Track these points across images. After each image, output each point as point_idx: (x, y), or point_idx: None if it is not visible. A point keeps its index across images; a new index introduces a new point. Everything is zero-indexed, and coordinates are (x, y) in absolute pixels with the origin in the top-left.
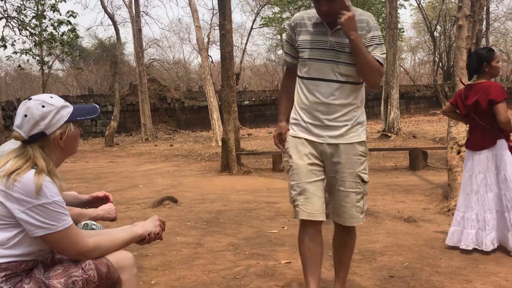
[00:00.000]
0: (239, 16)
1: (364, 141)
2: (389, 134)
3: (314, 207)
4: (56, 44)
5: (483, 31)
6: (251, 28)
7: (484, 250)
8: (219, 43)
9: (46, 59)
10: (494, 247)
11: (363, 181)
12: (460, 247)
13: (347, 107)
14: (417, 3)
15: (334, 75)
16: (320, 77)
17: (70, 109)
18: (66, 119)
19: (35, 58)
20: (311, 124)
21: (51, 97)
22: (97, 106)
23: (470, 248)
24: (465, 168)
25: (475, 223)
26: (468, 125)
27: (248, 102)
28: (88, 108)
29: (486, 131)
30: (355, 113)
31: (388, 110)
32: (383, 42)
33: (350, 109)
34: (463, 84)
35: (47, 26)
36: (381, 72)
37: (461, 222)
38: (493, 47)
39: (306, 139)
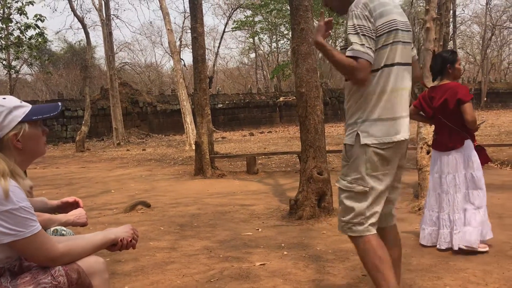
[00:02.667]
0: (212, 19)
1: (348, 144)
2: None
3: None
4: (23, 48)
5: (450, 34)
6: (224, 31)
7: (454, 249)
8: (191, 46)
9: (13, 63)
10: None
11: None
12: (437, 247)
13: (348, 106)
14: None
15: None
16: None
17: (25, 109)
18: (19, 119)
19: (1, 62)
20: None
21: (4, 98)
22: (59, 104)
23: (443, 247)
24: (433, 168)
25: (447, 223)
26: (434, 126)
27: (221, 105)
28: (47, 107)
29: (453, 132)
30: (350, 113)
31: None
32: (351, 32)
33: (348, 108)
34: (426, 87)
35: (13, 29)
36: (351, 67)
37: (436, 222)
38: (457, 50)
39: None
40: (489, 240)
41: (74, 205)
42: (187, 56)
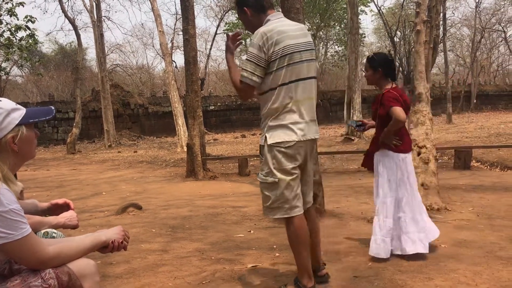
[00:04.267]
0: (203, 21)
1: (260, 145)
2: (352, 138)
3: None
4: (14, 49)
5: (440, 36)
6: (215, 33)
7: (406, 254)
8: (183, 48)
9: (3, 65)
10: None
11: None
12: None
13: (261, 114)
14: (377, 9)
15: None
16: None
17: (22, 111)
18: (17, 121)
19: None
20: None
21: (0, 100)
22: (52, 108)
23: (398, 252)
24: (383, 174)
25: (400, 227)
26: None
27: (213, 107)
28: (42, 110)
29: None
30: (262, 120)
31: (351, 114)
32: (247, 58)
33: (261, 115)
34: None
35: (3, 31)
36: (237, 88)
37: (395, 228)
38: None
39: None
40: (478, 240)
41: (65, 207)
42: (179, 58)
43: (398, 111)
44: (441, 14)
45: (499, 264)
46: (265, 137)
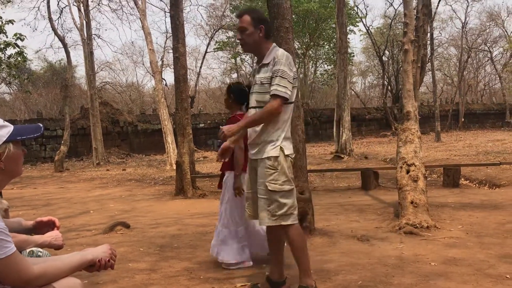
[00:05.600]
0: (194, 40)
1: (273, 156)
2: (342, 156)
3: None
4: (2, 67)
5: (428, 56)
6: (206, 52)
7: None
8: (173, 66)
9: None
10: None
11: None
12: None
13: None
14: (366, 29)
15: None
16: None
17: (9, 128)
18: (4, 139)
19: None
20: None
21: None
22: (41, 125)
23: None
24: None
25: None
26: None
27: (203, 125)
28: (30, 127)
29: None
30: (267, 132)
31: (340, 132)
32: (280, 75)
33: (263, 129)
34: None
35: None
36: (273, 108)
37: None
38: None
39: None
40: (467, 258)
41: (50, 224)
42: (169, 76)
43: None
44: (429, 34)
45: (488, 282)
46: (281, 147)
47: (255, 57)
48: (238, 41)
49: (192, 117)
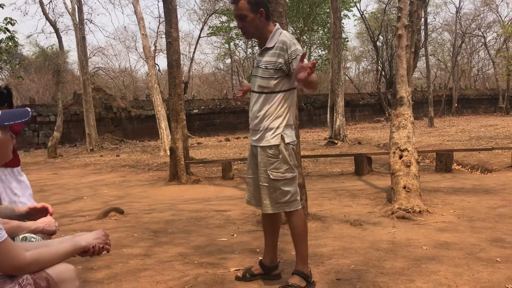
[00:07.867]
0: (187, 25)
1: (275, 145)
2: (336, 141)
3: None
4: None
5: (421, 41)
6: (199, 37)
7: None
8: (166, 51)
9: None
10: None
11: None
12: None
13: (262, 113)
14: (360, 14)
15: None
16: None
17: None
18: None
19: None
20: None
21: None
22: (28, 109)
23: None
24: None
25: None
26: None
27: (197, 110)
28: (17, 112)
29: None
30: (267, 119)
31: (334, 117)
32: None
33: (263, 115)
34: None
35: None
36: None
37: None
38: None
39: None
40: (458, 242)
41: (44, 211)
42: (162, 61)
43: None
44: (423, 19)
45: (479, 266)
46: (281, 136)
47: (249, 42)
48: (239, 29)
49: (185, 103)
